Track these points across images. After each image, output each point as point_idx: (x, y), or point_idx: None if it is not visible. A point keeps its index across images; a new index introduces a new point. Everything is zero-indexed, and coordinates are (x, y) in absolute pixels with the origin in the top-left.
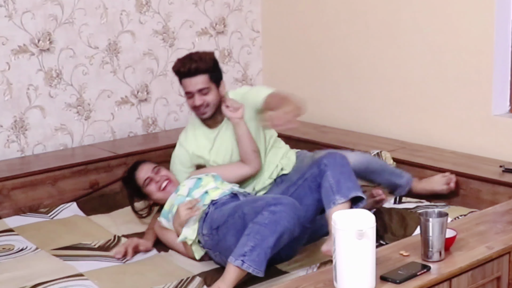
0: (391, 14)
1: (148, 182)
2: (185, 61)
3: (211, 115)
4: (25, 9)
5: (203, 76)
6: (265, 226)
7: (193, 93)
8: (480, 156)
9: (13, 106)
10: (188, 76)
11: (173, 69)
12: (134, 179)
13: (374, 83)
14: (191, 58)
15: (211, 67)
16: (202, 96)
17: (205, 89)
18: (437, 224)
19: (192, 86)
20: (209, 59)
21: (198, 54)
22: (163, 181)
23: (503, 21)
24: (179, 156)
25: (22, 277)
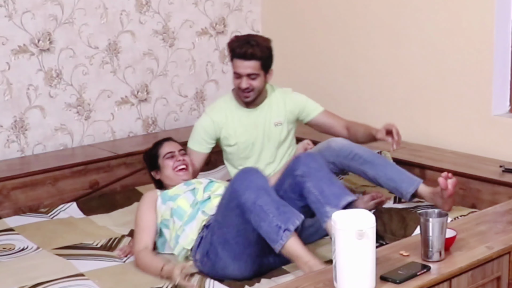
0: (391, 14)
1: (169, 156)
2: (242, 43)
3: (252, 100)
4: (25, 9)
5: (255, 62)
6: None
7: (242, 75)
8: (480, 156)
9: (13, 106)
10: (241, 58)
11: (228, 46)
12: (157, 148)
13: (374, 83)
14: (249, 41)
15: (266, 56)
16: (250, 81)
17: (254, 74)
18: (437, 224)
19: (243, 69)
20: (266, 47)
21: (256, 39)
22: (181, 164)
23: (503, 21)
24: (204, 125)
25: (23, 276)
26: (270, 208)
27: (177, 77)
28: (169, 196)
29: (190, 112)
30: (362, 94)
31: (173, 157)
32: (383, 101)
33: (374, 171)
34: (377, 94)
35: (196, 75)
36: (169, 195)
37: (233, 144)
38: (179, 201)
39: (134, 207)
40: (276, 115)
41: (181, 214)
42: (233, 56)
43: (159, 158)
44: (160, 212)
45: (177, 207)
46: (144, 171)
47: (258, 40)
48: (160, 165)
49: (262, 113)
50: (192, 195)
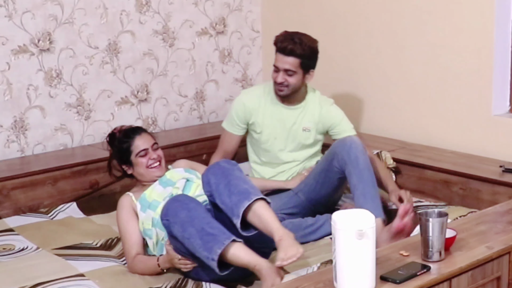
0: (391, 14)
1: (143, 154)
2: (286, 38)
3: (285, 95)
4: (25, 9)
5: (294, 59)
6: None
7: (280, 69)
8: (480, 156)
9: (13, 106)
10: (281, 53)
11: (275, 39)
12: (129, 143)
13: (374, 83)
14: (293, 38)
15: (307, 55)
16: (286, 76)
17: (291, 71)
18: (437, 224)
19: (281, 64)
20: (308, 47)
21: (301, 37)
22: (156, 161)
23: (503, 21)
24: (237, 108)
25: (23, 276)
26: (196, 240)
27: (177, 77)
28: (148, 203)
29: (190, 112)
30: (362, 94)
31: (147, 155)
32: (383, 101)
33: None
34: (377, 94)
35: (196, 75)
36: (147, 200)
37: (258, 132)
38: (160, 211)
39: None
40: (307, 120)
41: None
42: (276, 50)
43: (131, 155)
44: (141, 219)
45: (158, 216)
46: None
47: (303, 38)
48: (132, 162)
49: (295, 113)
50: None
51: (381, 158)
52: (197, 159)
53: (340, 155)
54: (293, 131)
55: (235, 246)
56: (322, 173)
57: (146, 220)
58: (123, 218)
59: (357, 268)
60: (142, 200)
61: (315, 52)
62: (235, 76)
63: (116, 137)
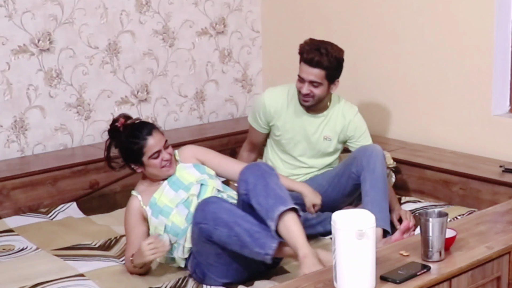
0: (391, 14)
1: (157, 156)
2: (312, 49)
3: (310, 106)
4: (25, 9)
5: (320, 71)
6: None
7: (305, 80)
8: (480, 156)
9: (13, 106)
10: (307, 64)
11: (300, 48)
12: (142, 144)
13: (374, 83)
14: (319, 49)
15: (333, 67)
16: (311, 87)
17: (317, 82)
18: (437, 224)
19: (306, 75)
20: (335, 58)
21: (327, 47)
22: (167, 161)
23: (503, 21)
24: (259, 107)
25: (23, 277)
26: (245, 238)
27: (177, 77)
28: (159, 208)
29: (190, 112)
30: (362, 94)
31: (160, 156)
32: (383, 101)
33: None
34: (377, 94)
35: (196, 75)
36: (158, 206)
37: (277, 135)
38: (173, 218)
39: None
40: (329, 129)
41: (176, 231)
42: (301, 59)
43: (143, 156)
44: (153, 224)
45: (171, 224)
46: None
47: (329, 49)
48: (144, 163)
49: (317, 122)
50: (185, 207)
51: None
52: None
53: (359, 160)
54: (314, 139)
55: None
56: (336, 177)
57: (159, 226)
58: (130, 223)
59: (357, 268)
60: (153, 206)
61: (341, 62)
62: (235, 76)
63: (121, 133)
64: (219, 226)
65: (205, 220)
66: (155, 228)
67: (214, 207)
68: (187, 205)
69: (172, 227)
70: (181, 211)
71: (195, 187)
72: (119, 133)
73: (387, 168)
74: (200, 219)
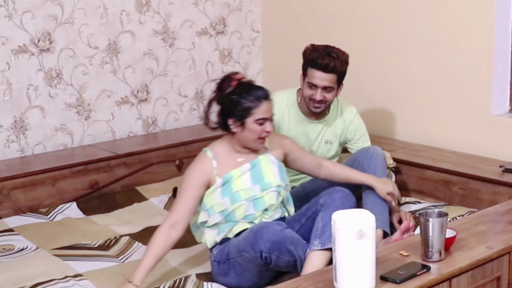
0: (391, 14)
1: (262, 123)
2: (323, 54)
3: (321, 112)
4: (25, 9)
5: (333, 76)
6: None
7: (318, 87)
8: (480, 156)
9: (13, 106)
10: (321, 70)
11: (306, 56)
12: (255, 104)
13: (374, 83)
14: (330, 54)
15: (344, 70)
16: (324, 93)
17: (330, 87)
18: (437, 224)
19: (320, 81)
20: (345, 61)
21: (335, 51)
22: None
23: (503, 21)
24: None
25: (22, 277)
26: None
27: (177, 77)
28: (231, 191)
29: (190, 112)
30: (362, 94)
31: (263, 124)
32: (383, 101)
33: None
34: (377, 94)
35: (196, 75)
36: (232, 189)
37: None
38: (237, 208)
39: (134, 207)
40: (330, 133)
41: (231, 219)
42: (311, 66)
43: (249, 117)
44: (214, 198)
45: (231, 211)
46: (144, 171)
47: (338, 52)
48: (245, 124)
49: (319, 127)
50: (253, 207)
51: None
52: None
53: (360, 162)
54: (316, 144)
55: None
56: None
57: (218, 205)
58: (190, 181)
59: (357, 268)
60: (226, 183)
61: (348, 65)
62: None
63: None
64: (283, 254)
65: (270, 250)
66: (212, 202)
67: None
68: (256, 206)
69: (230, 214)
70: (248, 208)
71: (271, 194)
72: (230, 87)
73: (387, 168)
74: (265, 248)
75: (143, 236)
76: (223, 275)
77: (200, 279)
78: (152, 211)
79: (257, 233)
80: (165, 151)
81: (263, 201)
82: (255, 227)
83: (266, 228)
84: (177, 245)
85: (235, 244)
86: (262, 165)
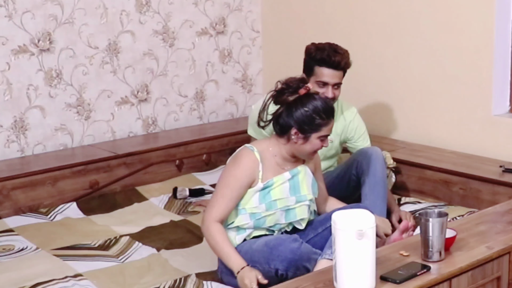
0: (391, 14)
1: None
2: (330, 52)
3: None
4: (25, 9)
5: (341, 72)
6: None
7: (329, 84)
8: (480, 156)
9: (13, 106)
10: (331, 68)
11: (313, 56)
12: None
13: (374, 83)
14: (337, 50)
15: (350, 65)
16: (334, 90)
17: (339, 84)
18: (437, 224)
19: (332, 79)
20: (348, 57)
21: (339, 47)
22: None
23: (503, 21)
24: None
25: (22, 277)
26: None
27: (177, 77)
28: (270, 198)
29: (190, 112)
30: (362, 94)
31: (324, 141)
32: (383, 101)
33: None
34: (377, 94)
35: (196, 75)
36: (270, 196)
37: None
38: (269, 216)
39: (134, 207)
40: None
41: (259, 225)
42: (320, 65)
43: (314, 132)
44: (250, 202)
45: (263, 218)
46: (144, 171)
47: (342, 49)
48: (309, 139)
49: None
50: (284, 218)
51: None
52: (197, 159)
53: (360, 163)
54: None
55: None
56: (336, 179)
57: (254, 209)
58: (237, 181)
59: (357, 268)
60: (265, 190)
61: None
62: (235, 76)
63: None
64: (299, 270)
65: (287, 269)
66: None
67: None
68: (287, 216)
69: (261, 220)
70: (280, 217)
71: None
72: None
73: (387, 168)
74: (281, 266)
75: (143, 236)
76: (230, 274)
77: (200, 279)
78: (152, 211)
79: (274, 250)
80: (165, 151)
81: (295, 213)
82: (271, 243)
83: (283, 246)
84: (177, 245)
85: (247, 251)
86: (300, 177)
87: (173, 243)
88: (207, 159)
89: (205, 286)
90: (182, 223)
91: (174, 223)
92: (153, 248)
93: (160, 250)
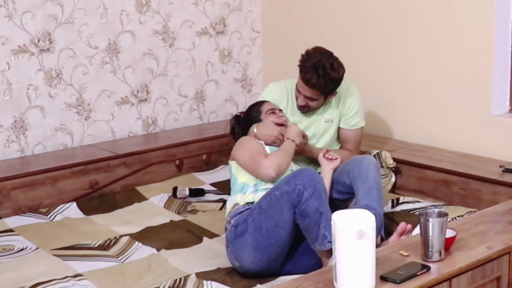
0: (391, 14)
1: (271, 113)
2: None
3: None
4: (25, 9)
5: (317, 92)
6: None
7: (302, 94)
8: (480, 156)
9: (13, 106)
10: (304, 82)
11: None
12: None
13: (374, 83)
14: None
15: (329, 89)
16: (307, 100)
17: (312, 98)
18: (437, 224)
19: (303, 91)
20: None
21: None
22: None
23: (503, 21)
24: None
25: (22, 277)
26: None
27: (177, 77)
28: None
29: (190, 112)
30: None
31: (274, 114)
32: (383, 101)
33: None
34: (377, 94)
35: (196, 75)
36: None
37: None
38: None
39: (134, 207)
40: (329, 112)
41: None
42: (300, 71)
43: (261, 114)
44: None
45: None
46: (144, 171)
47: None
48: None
49: (320, 110)
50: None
51: (381, 158)
52: (197, 159)
53: (352, 172)
54: (317, 127)
55: None
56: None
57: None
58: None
59: (357, 268)
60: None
61: (338, 82)
62: (235, 76)
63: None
64: (315, 197)
65: (306, 186)
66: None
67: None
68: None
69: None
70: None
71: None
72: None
73: (387, 168)
74: (301, 182)
75: (143, 236)
76: (240, 235)
77: (200, 278)
78: (152, 211)
79: (297, 172)
80: (165, 151)
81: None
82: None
83: (306, 170)
84: (177, 245)
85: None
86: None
87: (173, 243)
88: (207, 159)
89: (205, 286)
90: (182, 223)
91: (174, 223)
92: (153, 248)
93: (160, 250)
